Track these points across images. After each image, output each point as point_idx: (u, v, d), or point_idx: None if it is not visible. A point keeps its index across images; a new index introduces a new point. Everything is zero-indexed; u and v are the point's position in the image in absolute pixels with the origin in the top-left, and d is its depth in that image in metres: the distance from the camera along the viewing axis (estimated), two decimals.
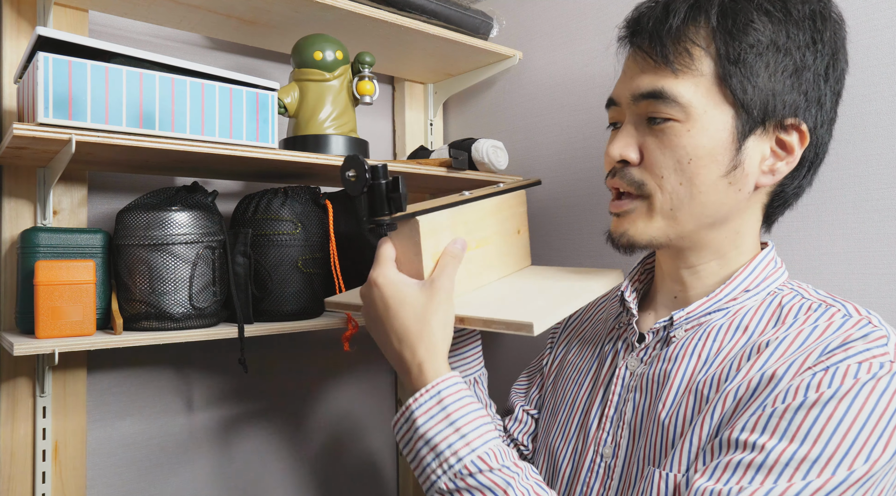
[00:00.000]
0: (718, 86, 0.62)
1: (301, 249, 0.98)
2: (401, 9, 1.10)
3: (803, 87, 0.63)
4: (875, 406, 0.52)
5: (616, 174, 0.67)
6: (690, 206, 0.64)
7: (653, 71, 0.64)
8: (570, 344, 0.85)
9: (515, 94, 1.29)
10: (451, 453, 0.60)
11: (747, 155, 0.63)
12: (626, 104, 0.67)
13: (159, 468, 1.10)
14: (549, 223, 1.22)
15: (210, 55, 1.16)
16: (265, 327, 0.94)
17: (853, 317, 0.59)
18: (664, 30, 0.63)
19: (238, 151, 0.88)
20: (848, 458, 0.52)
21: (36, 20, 0.93)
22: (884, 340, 0.56)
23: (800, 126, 0.63)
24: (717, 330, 0.65)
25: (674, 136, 0.63)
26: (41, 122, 0.74)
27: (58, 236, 0.85)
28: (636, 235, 0.67)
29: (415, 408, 0.63)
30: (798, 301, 0.64)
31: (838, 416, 0.52)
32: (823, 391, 0.53)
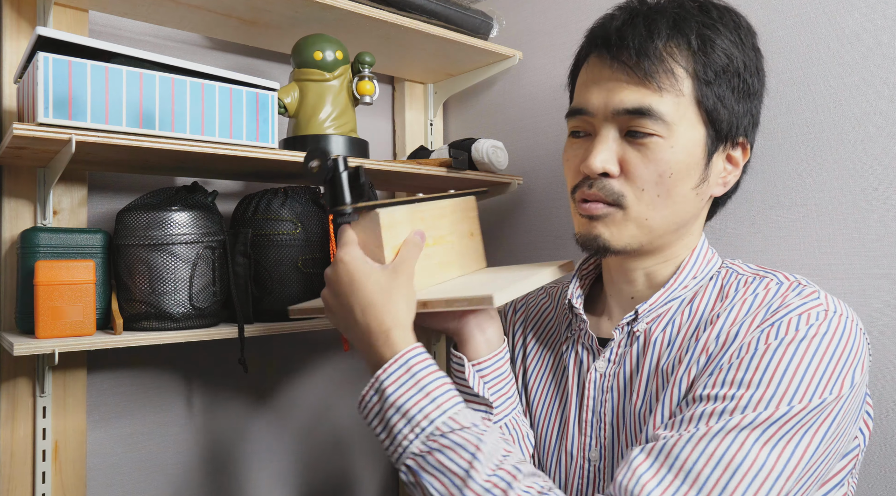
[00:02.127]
0: (696, 105, 0.67)
1: (301, 249, 0.98)
2: (401, 9, 1.10)
3: (752, 109, 0.71)
4: (817, 348, 0.59)
5: (593, 186, 0.69)
6: (663, 215, 0.69)
7: (636, 86, 0.66)
8: (528, 350, 0.85)
9: (515, 94, 1.29)
10: (423, 416, 0.61)
11: (712, 169, 0.70)
12: (604, 116, 0.68)
13: (159, 468, 1.10)
14: (549, 223, 1.22)
15: (210, 55, 1.16)
16: (265, 327, 0.94)
17: (784, 283, 0.66)
18: (650, 48, 0.66)
19: (238, 151, 0.88)
20: (798, 393, 0.57)
21: (36, 20, 0.93)
22: (816, 295, 0.63)
23: (746, 144, 0.71)
24: (673, 317, 0.70)
25: (658, 151, 0.66)
26: (41, 122, 0.74)
27: (58, 236, 0.85)
28: (611, 240, 0.70)
29: (384, 378, 0.64)
30: (735, 278, 0.70)
31: (787, 359, 0.59)
32: (770, 342, 0.60)
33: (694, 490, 0.56)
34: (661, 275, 0.74)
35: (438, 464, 0.60)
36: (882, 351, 0.81)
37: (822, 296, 0.63)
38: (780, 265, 0.89)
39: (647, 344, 0.70)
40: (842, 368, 0.59)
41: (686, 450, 0.57)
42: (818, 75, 0.87)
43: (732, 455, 0.56)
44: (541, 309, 0.88)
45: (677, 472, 0.57)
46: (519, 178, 1.23)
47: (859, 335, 0.62)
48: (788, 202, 0.89)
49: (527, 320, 0.88)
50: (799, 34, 0.89)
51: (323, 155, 0.73)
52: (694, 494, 0.56)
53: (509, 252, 1.29)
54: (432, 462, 0.60)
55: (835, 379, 0.58)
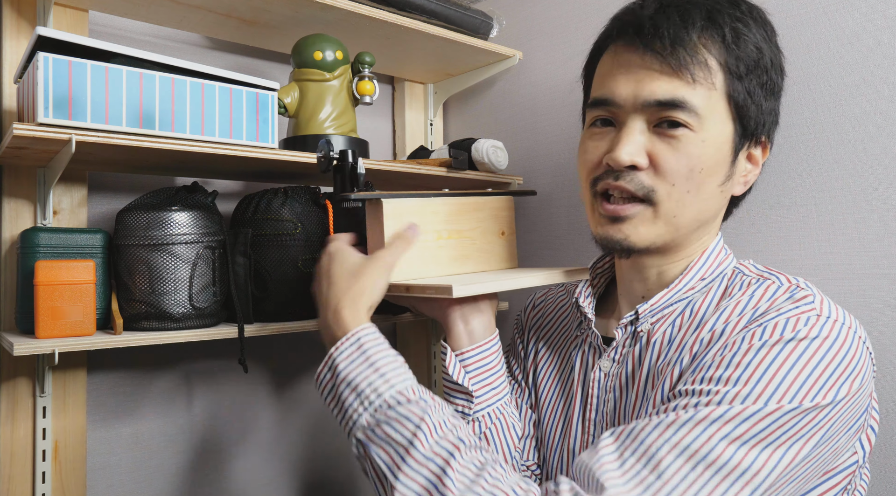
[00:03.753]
0: (727, 100, 0.65)
1: (301, 249, 0.98)
2: (401, 9, 1.10)
3: (775, 107, 0.70)
4: (803, 352, 0.56)
5: (620, 178, 0.66)
6: (691, 212, 0.67)
7: (669, 77, 0.64)
8: (539, 347, 0.86)
9: (515, 94, 1.29)
10: (372, 390, 0.63)
11: (737, 167, 0.68)
12: (632, 106, 0.66)
13: (159, 468, 1.10)
14: (548, 223, 1.22)
15: (210, 55, 1.16)
16: (265, 327, 0.94)
17: (784, 285, 0.64)
18: (685, 38, 0.63)
19: (238, 151, 0.88)
20: (776, 395, 0.55)
21: (36, 20, 0.93)
22: (810, 299, 0.61)
23: (767, 142, 0.70)
24: (676, 318, 0.69)
25: (689, 144, 0.64)
26: (41, 122, 0.74)
27: (58, 236, 0.85)
28: (638, 241, 0.67)
29: (336, 356, 0.66)
30: (740, 278, 0.68)
31: (768, 359, 0.56)
32: (754, 342, 0.58)
33: (654, 475, 0.54)
34: (672, 273, 0.72)
35: (385, 435, 0.61)
36: (883, 351, 0.81)
37: (818, 301, 0.61)
38: (780, 265, 0.89)
39: (648, 344, 0.70)
40: (828, 376, 0.56)
41: (653, 435, 0.56)
42: (818, 75, 0.87)
43: (699, 446, 0.54)
44: (557, 306, 0.88)
45: (640, 456, 0.55)
46: (519, 178, 1.23)
47: (856, 344, 0.59)
48: (788, 202, 0.89)
49: (542, 317, 0.88)
50: (799, 34, 0.89)
51: (325, 147, 0.80)
52: (653, 479, 0.54)
53: None
54: (380, 434, 0.62)
55: (819, 386, 0.55)
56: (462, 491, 0.56)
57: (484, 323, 0.80)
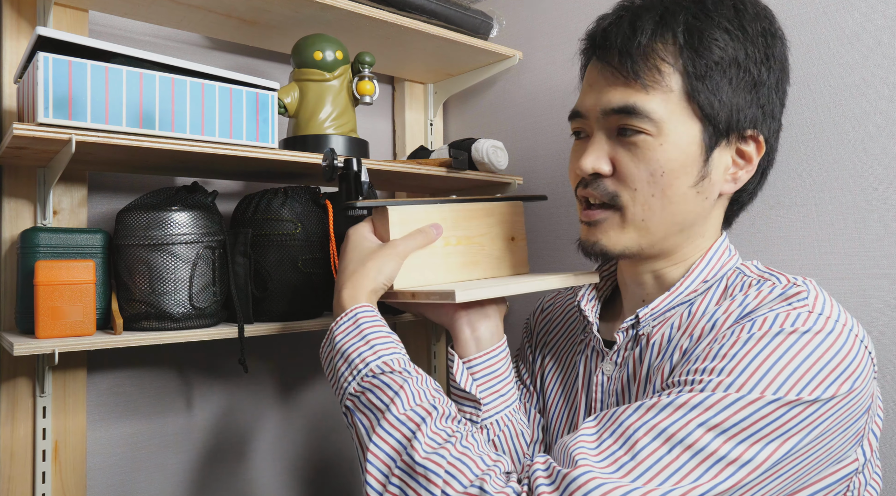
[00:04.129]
0: (687, 101, 0.65)
1: (301, 249, 0.98)
2: (401, 9, 1.10)
3: (760, 100, 0.67)
4: (792, 344, 0.56)
5: (588, 185, 0.69)
6: (661, 216, 0.67)
7: (623, 86, 0.66)
8: (546, 352, 0.86)
9: (515, 94, 1.29)
10: (361, 360, 0.67)
11: (713, 165, 0.67)
12: (595, 117, 0.68)
13: (159, 468, 1.10)
14: (549, 223, 1.22)
15: (210, 55, 1.16)
16: (265, 327, 0.94)
17: (780, 284, 0.63)
18: (633, 46, 0.65)
19: (238, 151, 0.88)
20: (760, 385, 0.54)
21: (36, 20, 0.93)
22: (803, 295, 0.60)
23: (757, 137, 0.68)
24: (675, 321, 0.69)
25: (647, 149, 0.65)
26: (41, 122, 0.74)
27: (58, 236, 0.85)
28: (609, 245, 0.69)
29: (335, 330, 0.70)
30: (740, 279, 0.68)
31: (755, 350, 0.56)
32: (742, 335, 0.58)
33: (628, 455, 0.54)
34: (670, 277, 0.72)
35: (367, 401, 0.65)
36: (883, 351, 0.81)
37: (812, 297, 0.60)
38: (780, 265, 0.89)
39: (648, 345, 0.70)
40: (818, 372, 0.55)
41: (632, 417, 0.56)
42: (818, 75, 0.87)
43: (675, 430, 0.54)
44: (565, 310, 0.88)
45: (618, 437, 0.55)
46: (519, 178, 1.23)
47: (851, 342, 0.57)
48: (788, 202, 0.89)
49: (550, 322, 0.89)
50: (799, 34, 0.89)
51: (330, 155, 0.80)
52: (627, 459, 0.54)
53: None
54: (363, 400, 0.65)
55: (806, 380, 0.54)
56: (428, 453, 0.58)
57: (491, 329, 0.80)
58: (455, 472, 0.57)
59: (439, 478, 0.57)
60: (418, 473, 0.58)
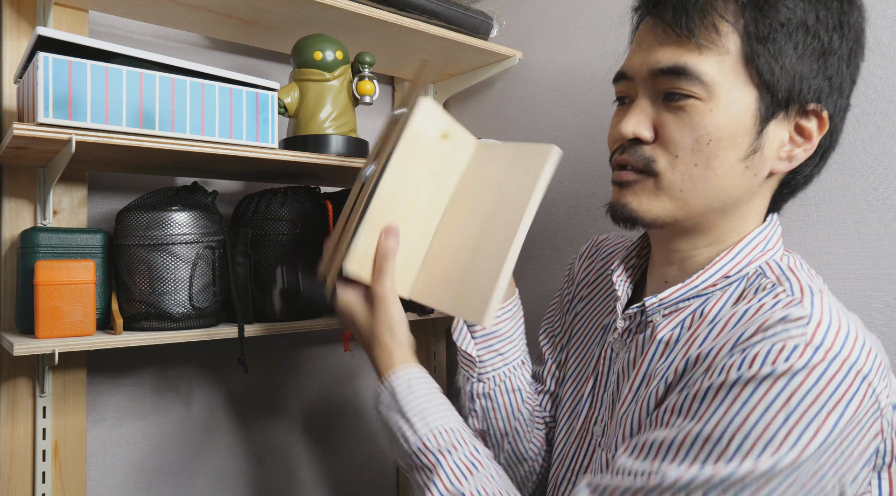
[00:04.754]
0: (744, 65, 0.59)
1: (301, 249, 0.98)
2: (401, 9, 1.10)
3: (828, 71, 0.61)
4: (777, 395, 0.50)
5: (625, 151, 0.64)
6: (703, 189, 0.62)
7: (675, 45, 0.61)
8: (579, 310, 0.84)
9: (515, 94, 1.29)
10: (401, 435, 0.68)
11: (767, 139, 0.61)
12: (641, 79, 0.64)
13: (159, 468, 1.10)
14: (548, 223, 1.22)
15: (210, 55, 1.16)
16: (265, 327, 0.94)
17: (788, 297, 0.56)
18: (691, 1, 0.59)
19: (238, 151, 0.88)
20: (745, 447, 0.50)
21: (36, 20, 0.93)
22: (804, 321, 0.52)
23: (821, 112, 0.61)
24: (686, 317, 0.64)
25: (695, 114, 0.60)
26: (41, 122, 0.74)
27: (58, 236, 0.85)
28: (639, 211, 0.64)
29: (379, 403, 0.72)
30: (759, 281, 0.62)
31: (738, 404, 0.51)
32: (731, 375, 0.52)
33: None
34: (699, 259, 0.66)
35: (412, 477, 0.68)
36: None
37: (814, 326, 0.52)
38: None
39: (653, 338, 0.66)
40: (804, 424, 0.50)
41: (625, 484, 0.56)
42: None
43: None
44: (608, 260, 0.84)
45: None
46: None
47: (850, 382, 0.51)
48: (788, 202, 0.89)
49: (592, 271, 0.85)
50: None
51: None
52: None
53: None
54: (410, 475, 0.69)
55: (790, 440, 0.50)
56: None
57: None
58: None
59: None
60: None
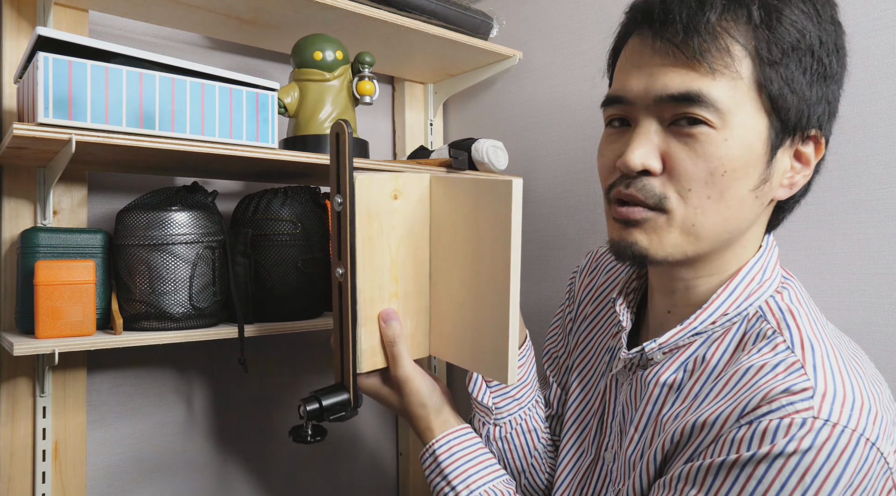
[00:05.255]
0: (757, 91, 0.56)
1: (301, 249, 0.98)
2: (401, 9, 1.10)
3: (829, 96, 0.59)
4: (789, 476, 0.49)
5: (630, 185, 0.59)
6: (715, 221, 0.58)
7: (684, 68, 0.56)
8: (581, 331, 0.83)
9: (515, 94, 1.29)
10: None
11: (776, 168, 0.59)
12: (645, 104, 0.59)
13: (159, 468, 1.10)
14: (548, 224, 1.22)
15: (210, 55, 1.16)
16: (265, 327, 0.94)
17: (789, 358, 0.54)
18: (701, 22, 0.55)
19: (238, 151, 0.88)
20: None
21: (36, 20, 0.93)
22: (808, 393, 0.51)
23: (819, 138, 0.60)
24: (688, 360, 0.62)
25: (709, 144, 0.56)
26: (41, 122, 0.74)
27: (58, 236, 0.85)
28: (650, 249, 0.60)
29: (423, 466, 0.75)
30: (759, 325, 0.59)
31: (756, 479, 0.50)
32: (742, 453, 0.51)
33: None
34: (701, 289, 0.64)
35: None
36: (883, 350, 0.81)
37: (819, 397, 0.51)
38: None
39: (654, 381, 0.64)
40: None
41: None
42: None
43: None
44: (610, 276, 0.82)
45: None
46: (519, 178, 1.22)
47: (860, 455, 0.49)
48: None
49: (594, 289, 0.83)
50: None
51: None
52: None
53: None
54: None
55: None
56: None
57: None
58: None
59: None
60: None
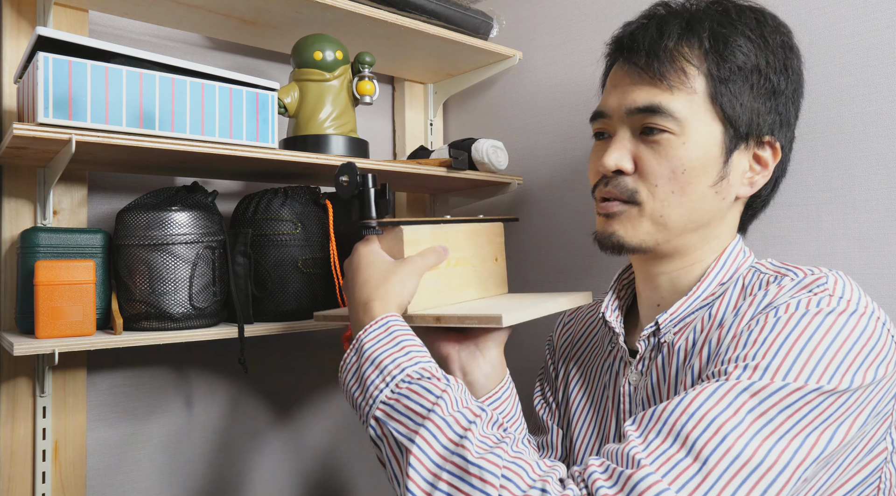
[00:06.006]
0: (710, 103, 0.68)
1: (301, 249, 0.98)
2: (401, 9, 1.10)
3: (778, 108, 0.70)
4: (819, 326, 0.57)
5: (609, 183, 0.71)
6: (679, 212, 0.69)
7: (649, 85, 0.68)
8: (570, 366, 0.85)
9: (515, 94, 1.29)
10: (395, 366, 0.65)
11: (732, 167, 0.69)
12: (619, 117, 0.71)
13: (159, 468, 1.10)
14: (549, 223, 1.22)
15: (210, 55, 1.16)
16: (265, 327, 0.94)
17: (798, 276, 0.64)
18: (660, 48, 0.67)
19: (238, 151, 0.88)
20: (794, 370, 0.55)
21: (36, 20, 0.93)
22: (822, 280, 0.61)
23: (774, 143, 0.70)
24: (697, 325, 0.69)
25: (670, 147, 0.67)
26: (41, 122, 0.74)
27: (58, 236, 0.85)
28: (626, 237, 0.70)
29: (363, 338, 0.68)
30: (757, 277, 0.68)
31: (787, 331, 0.57)
32: (769, 319, 0.59)
33: (684, 451, 0.52)
34: (685, 280, 0.73)
35: (405, 408, 0.61)
36: None
37: (832, 283, 0.60)
38: None
39: (670, 353, 0.69)
40: (852, 356, 0.56)
41: (676, 411, 0.54)
42: (818, 75, 0.87)
43: (725, 419, 0.52)
44: (587, 323, 0.88)
45: (666, 435, 0.53)
46: (519, 177, 1.23)
47: (875, 327, 0.58)
48: (788, 202, 0.89)
49: (573, 336, 0.89)
50: (799, 34, 0.89)
51: (353, 170, 0.77)
52: (683, 455, 0.52)
53: (509, 252, 1.29)
54: (399, 408, 0.61)
55: (835, 367, 0.55)
56: (482, 453, 0.55)
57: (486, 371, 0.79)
58: (511, 475, 0.54)
59: (496, 479, 0.53)
60: (472, 474, 0.54)
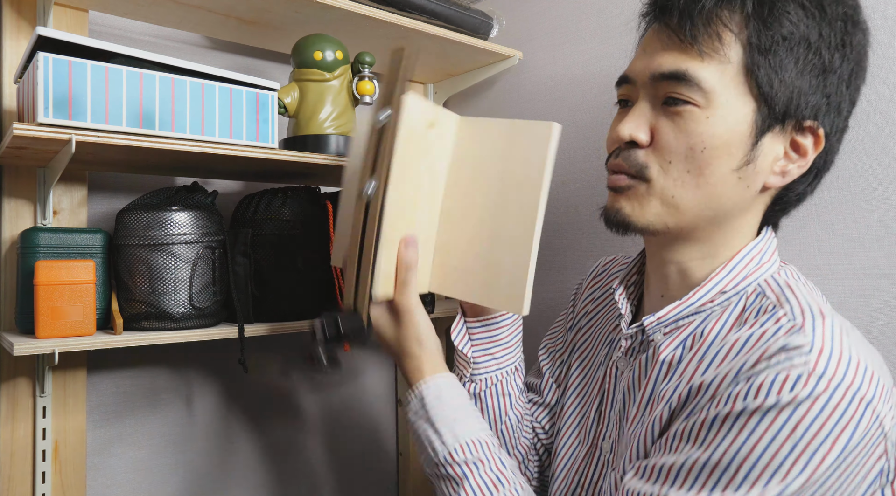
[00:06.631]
0: (744, 75, 0.60)
1: (301, 249, 0.98)
2: (401, 9, 1.10)
3: (827, 89, 0.61)
4: (784, 423, 0.51)
5: (619, 155, 0.65)
6: (694, 195, 0.62)
7: (678, 50, 0.61)
8: (583, 324, 0.85)
9: (515, 94, 1.29)
10: (429, 444, 0.70)
11: (762, 152, 0.61)
12: (643, 82, 0.64)
13: (159, 468, 1.10)
14: (549, 223, 1.22)
15: (210, 55, 1.16)
16: (265, 327, 0.94)
17: (790, 322, 0.56)
18: (696, 9, 0.60)
19: (238, 151, 0.88)
20: (752, 475, 0.51)
21: (36, 20, 0.93)
22: (805, 349, 0.53)
23: (817, 130, 0.62)
24: (687, 337, 0.64)
25: (691, 121, 0.60)
26: (41, 122, 0.74)
27: (58, 236, 0.85)
28: (632, 216, 0.64)
29: (407, 408, 0.74)
30: (759, 301, 0.61)
31: (748, 430, 0.52)
32: (737, 405, 0.53)
33: None
34: (694, 273, 0.66)
35: (439, 488, 0.70)
36: (883, 351, 0.81)
37: (816, 354, 0.52)
38: None
39: (656, 360, 0.66)
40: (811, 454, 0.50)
41: None
42: None
43: None
44: (610, 285, 0.84)
45: None
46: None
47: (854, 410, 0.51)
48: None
49: (595, 293, 0.86)
50: None
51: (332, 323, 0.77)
52: None
53: None
54: (436, 485, 0.71)
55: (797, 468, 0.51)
56: None
57: None
58: None
59: None
60: None
